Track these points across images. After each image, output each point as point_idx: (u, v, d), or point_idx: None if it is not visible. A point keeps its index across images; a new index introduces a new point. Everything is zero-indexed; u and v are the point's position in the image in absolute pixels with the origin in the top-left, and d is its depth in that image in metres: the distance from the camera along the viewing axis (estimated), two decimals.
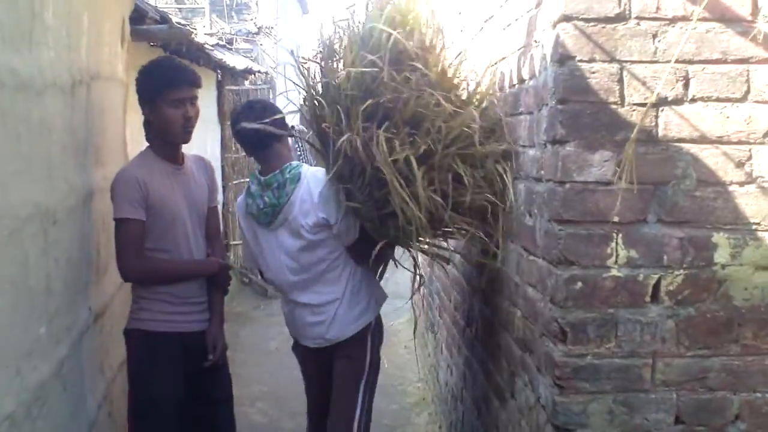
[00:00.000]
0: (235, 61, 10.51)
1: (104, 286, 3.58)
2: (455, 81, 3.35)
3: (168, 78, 3.39)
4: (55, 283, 2.69)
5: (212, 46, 9.05)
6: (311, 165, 3.78)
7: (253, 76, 12.00)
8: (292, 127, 4.20)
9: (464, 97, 3.29)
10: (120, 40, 4.10)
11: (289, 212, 3.49)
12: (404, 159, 2.97)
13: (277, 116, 3.53)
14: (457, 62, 3.42)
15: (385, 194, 3.09)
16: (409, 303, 8.22)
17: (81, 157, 3.14)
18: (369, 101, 3.05)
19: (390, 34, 3.05)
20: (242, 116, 3.55)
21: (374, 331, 3.67)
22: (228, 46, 12.23)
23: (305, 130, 4.34)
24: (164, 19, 6.22)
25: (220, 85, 10.53)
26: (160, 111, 3.36)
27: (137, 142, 4.98)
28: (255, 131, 3.48)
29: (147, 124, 3.46)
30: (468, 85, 3.43)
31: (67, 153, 2.89)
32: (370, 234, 3.37)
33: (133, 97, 3.53)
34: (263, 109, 3.62)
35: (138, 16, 5.34)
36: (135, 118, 4.92)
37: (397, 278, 11.48)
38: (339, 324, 3.57)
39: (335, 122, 3.18)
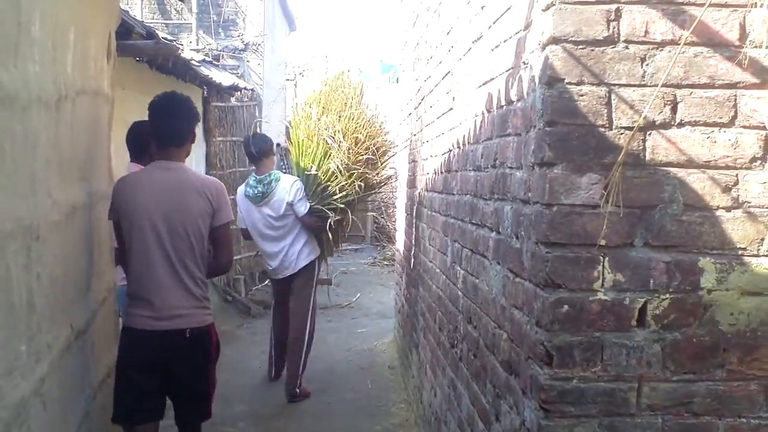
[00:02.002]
0: (221, 77, 10.50)
1: (87, 302, 3.54)
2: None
3: None
4: (37, 300, 2.65)
5: (198, 62, 9.05)
6: (291, 174, 6.82)
7: (239, 92, 11.99)
8: (278, 145, 5.58)
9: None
10: (106, 54, 4.07)
11: (272, 197, 6.49)
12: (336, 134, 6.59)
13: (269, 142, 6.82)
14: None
15: (327, 163, 6.56)
16: (394, 323, 8.23)
17: (65, 173, 3.11)
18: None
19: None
20: (251, 139, 6.71)
21: (316, 264, 6.87)
22: (215, 62, 12.22)
23: (288, 148, 6.95)
24: (151, 34, 6.22)
25: (205, 102, 10.52)
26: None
27: (121, 157, 4.96)
28: (258, 148, 6.57)
29: (182, 144, 3.95)
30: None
31: (52, 168, 2.86)
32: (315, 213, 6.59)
33: (118, 113, 3.53)
34: (262, 136, 6.95)
35: (124, 31, 5.34)
36: (120, 133, 4.88)
37: (380, 298, 11.51)
38: (297, 261, 6.68)
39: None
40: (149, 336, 3.73)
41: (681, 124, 2.40)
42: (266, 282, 12.21)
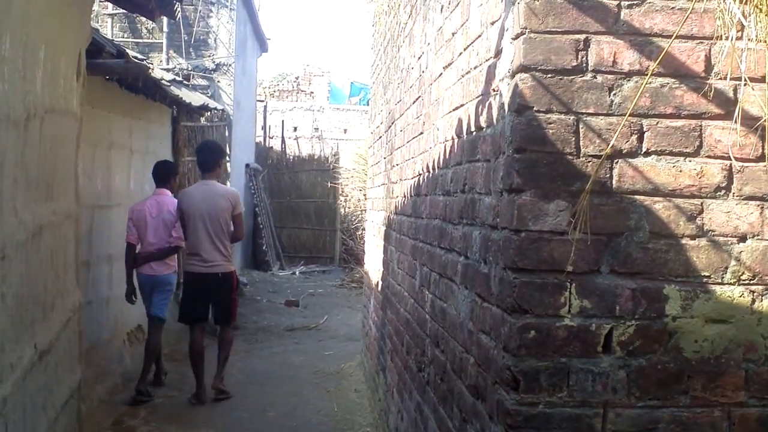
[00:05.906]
0: (191, 97, 10.47)
1: (51, 323, 3.50)
2: None
3: None
4: (1, 320, 2.63)
5: (169, 81, 9.02)
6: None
7: (209, 113, 11.96)
8: (247, 165, 5.48)
9: None
10: (76, 73, 4.05)
11: None
12: None
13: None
14: None
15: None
16: (361, 346, 8.23)
17: (32, 192, 3.09)
18: None
19: None
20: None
21: None
22: (185, 82, 12.20)
23: (259, 168, 6.65)
24: (121, 53, 6.20)
25: (175, 121, 10.48)
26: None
27: (89, 175, 4.92)
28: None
29: (214, 170, 7.29)
30: None
31: (18, 187, 2.84)
32: None
33: (87, 132, 3.51)
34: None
35: (95, 50, 5.30)
36: (88, 152, 4.85)
37: (348, 320, 11.50)
38: None
39: None
40: (201, 275, 6.95)
41: (647, 153, 2.43)
42: None
